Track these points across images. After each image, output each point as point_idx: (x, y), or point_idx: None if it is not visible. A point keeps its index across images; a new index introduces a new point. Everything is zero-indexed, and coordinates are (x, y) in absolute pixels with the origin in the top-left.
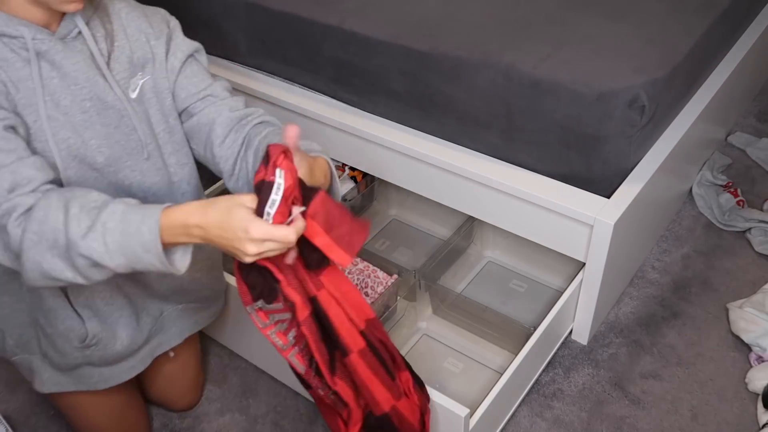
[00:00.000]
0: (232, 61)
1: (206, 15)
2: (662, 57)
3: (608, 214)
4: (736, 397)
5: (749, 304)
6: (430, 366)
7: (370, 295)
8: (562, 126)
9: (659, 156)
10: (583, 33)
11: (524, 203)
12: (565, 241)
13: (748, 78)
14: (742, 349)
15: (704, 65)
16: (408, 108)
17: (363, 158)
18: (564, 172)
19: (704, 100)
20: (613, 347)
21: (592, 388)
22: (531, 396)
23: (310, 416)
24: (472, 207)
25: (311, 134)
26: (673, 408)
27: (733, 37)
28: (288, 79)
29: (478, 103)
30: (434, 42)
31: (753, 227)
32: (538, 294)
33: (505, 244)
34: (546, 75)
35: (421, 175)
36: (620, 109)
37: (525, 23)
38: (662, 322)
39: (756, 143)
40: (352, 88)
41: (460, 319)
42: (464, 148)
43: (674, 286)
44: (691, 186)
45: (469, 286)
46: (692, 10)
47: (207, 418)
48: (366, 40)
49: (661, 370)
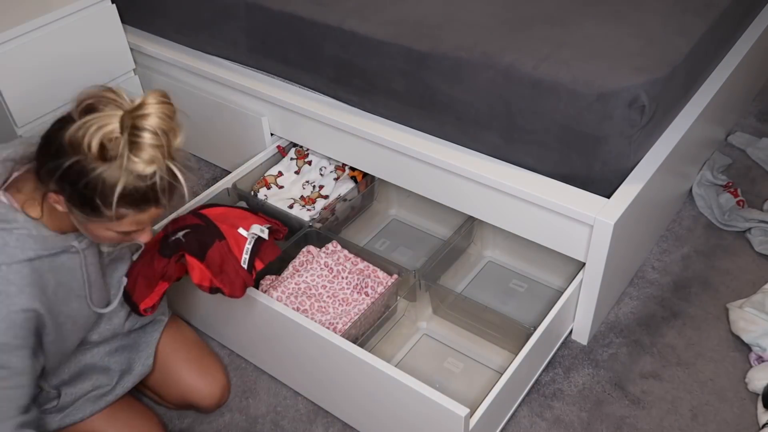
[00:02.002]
0: (232, 61)
1: (206, 15)
2: (662, 57)
3: (608, 214)
4: (736, 397)
5: (749, 304)
6: (430, 366)
7: (370, 295)
8: (562, 126)
9: (659, 156)
10: (583, 33)
11: (524, 203)
12: (565, 241)
13: (748, 78)
14: (742, 349)
15: (704, 65)
16: (408, 108)
17: (363, 158)
18: (564, 172)
19: (704, 100)
20: (613, 347)
21: (592, 388)
22: (531, 396)
23: (310, 416)
24: (472, 207)
25: (311, 134)
26: (673, 408)
27: (733, 37)
28: (288, 79)
29: (478, 103)
30: (434, 42)
31: (753, 227)
32: (538, 294)
33: (505, 244)
34: (546, 75)
35: (421, 175)
36: (620, 109)
37: (525, 23)
38: (662, 322)
39: (756, 143)
40: (352, 88)
41: (460, 319)
42: (464, 148)
43: (674, 286)
44: (691, 186)
45: (469, 286)
46: (692, 10)
47: (207, 418)
48: (366, 40)
49: (661, 370)
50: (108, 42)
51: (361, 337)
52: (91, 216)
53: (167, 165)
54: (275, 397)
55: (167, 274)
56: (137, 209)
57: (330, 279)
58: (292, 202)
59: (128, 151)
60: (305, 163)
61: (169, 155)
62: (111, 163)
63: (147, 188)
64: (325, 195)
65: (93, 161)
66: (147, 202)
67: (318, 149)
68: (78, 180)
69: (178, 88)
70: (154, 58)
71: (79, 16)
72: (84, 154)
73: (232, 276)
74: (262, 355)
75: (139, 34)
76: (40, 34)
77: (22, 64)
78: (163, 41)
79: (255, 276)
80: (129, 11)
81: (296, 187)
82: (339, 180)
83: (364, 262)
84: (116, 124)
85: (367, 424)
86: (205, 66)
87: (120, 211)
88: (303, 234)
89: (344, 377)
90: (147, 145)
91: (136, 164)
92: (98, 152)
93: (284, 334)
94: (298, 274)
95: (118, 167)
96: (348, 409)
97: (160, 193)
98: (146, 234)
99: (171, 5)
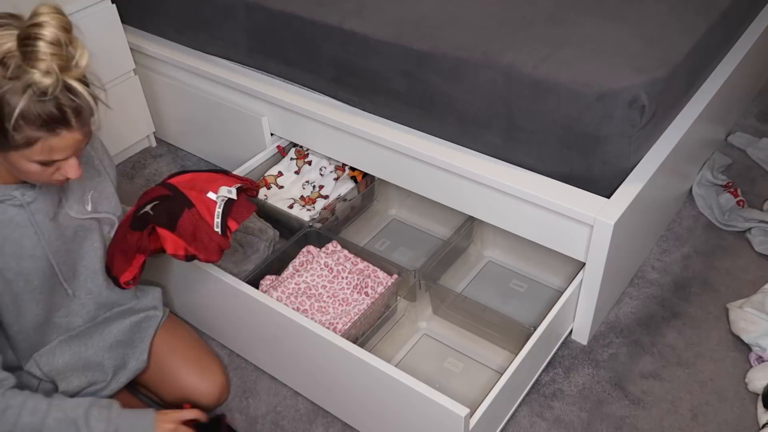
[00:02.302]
0: (232, 61)
1: (206, 15)
2: (662, 57)
3: (608, 214)
4: (736, 397)
5: (749, 304)
6: (430, 366)
7: (370, 295)
8: (562, 126)
9: (659, 156)
10: (583, 33)
11: (524, 203)
12: (565, 241)
13: (748, 78)
14: (742, 349)
15: (704, 65)
16: (408, 108)
17: (363, 158)
18: (564, 172)
19: (704, 100)
20: (613, 347)
21: (592, 388)
22: (531, 396)
23: (310, 416)
24: (472, 207)
25: (311, 134)
26: (673, 408)
27: (733, 37)
28: (288, 79)
29: (478, 103)
30: (434, 42)
31: (753, 227)
32: (538, 294)
33: (505, 244)
34: (546, 75)
35: (421, 175)
36: (620, 109)
37: (525, 23)
38: (662, 322)
39: (756, 143)
40: (352, 88)
41: (460, 319)
42: (464, 148)
43: (674, 286)
44: (691, 186)
45: (469, 286)
46: (692, 10)
47: None
48: (366, 40)
49: (661, 370)
50: (108, 42)
51: (361, 337)
52: (4, 144)
53: (66, 80)
54: (275, 397)
55: (142, 246)
56: (48, 131)
57: (330, 279)
58: (292, 202)
59: (23, 62)
60: (305, 163)
61: (68, 69)
62: (10, 81)
63: (51, 106)
64: (325, 195)
65: None
66: (56, 122)
67: (318, 149)
68: None
69: (178, 88)
70: (154, 58)
71: (79, 16)
72: None
73: (206, 241)
74: (262, 355)
75: (139, 34)
76: None
77: None
78: (163, 41)
79: (230, 237)
80: (129, 11)
81: (296, 187)
82: (339, 180)
83: (364, 262)
84: (14, 42)
85: (367, 424)
86: (205, 66)
87: (30, 135)
88: (303, 234)
89: (344, 377)
90: (41, 53)
91: (32, 75)
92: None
93: (284, 334)
94: (298, 274)
95: (17, 83)
96: (348, 409)
97: (68, 112)
98: (72, 167)
99: (171, 5)
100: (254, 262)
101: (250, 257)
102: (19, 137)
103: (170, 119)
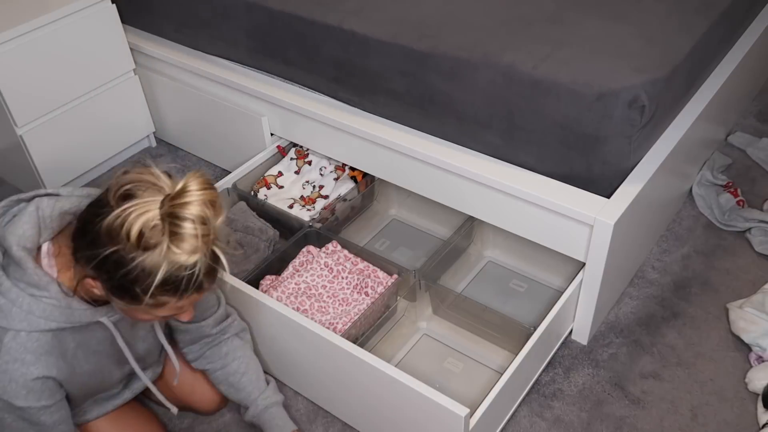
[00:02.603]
0: (232, 61)
1: (206, 15)
2: (662, 57)
3: (608, 214)
4: (736, 397)
5: (749, 304)
6: (430, 366)
7: (370, 295)
8: (562, 126)
9: (659, 156)
10: (583, 33)
11: (524, 203)
12: (565, 241)
13: (748, 78)
14: (742, 349)
15: (704, 65)
16: (408, 108)
17: (363, 158)
18: (564, 172)
19: (704, 100)
20: (613, 347)
21: (592, 388)
22: (531, 396)
23: (310, 416)
24: (472, 207)
25: (311, 134)
26: (673, 408)
27: (733, 37)
28: (288, 79)
29: (478, 103)
30: (434, 42)
31: (753, 227)
32: (538, 294)
33: (505, 244)
34: (546, 75)
35: (421, 175)
36: (620, 109)
37: (525, 23)
38: (662, 322)
39: (756, 143)
40: (352, 88)
41: (460, 319)
42: (464, 148)
43: (674, 286)
44: (691, 186)
45: (469, 286)
46: (692, 10)
47: (207, 419)
48: (366, 40)
49: (661, 370)
50: (108, 42)
51: (361, 337)
52: (130, 303)
53: (209, 250)
54: None
55: None
56: (178, 296)
57: (330, 279)
58: (292, 202)
59: (169, 241)
60: (305, 163)
61: (210, 243)
62: (151, 251)
63: (188, 275)
64: (325, 195)
65: (132, 250)
66: (188, 288)
67: (318, 149)
68: (116, 270)
69: (178, 88)
70: (154, 58)
71: (79, 16)
72: (122, 243)
73: None
74: (263, 355)
75: (139, 34)
76: (39, 34)
77: (22, 64)
78: (163, 41)
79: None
80: (129, 11)
81: (296, 187)
82: (339, 180)
83: (364, 262)
84: (156, 211)
85: (367, 424)
86: (205, 66)
87: (160, 299)
88: (303, 234)
89: (344, 377)
90: (188, 235)
91: (177, 255)
92: (137, 241)
93: (284, 334)
94: (298, 274)
95: (158, 255)
96: (348, 409)
97: (203, 278)
98: (188, 314)
99: (171, 5)
100: (254, 262)
101: (250, 257)
102: (151, 300)
103: (170, 119)
